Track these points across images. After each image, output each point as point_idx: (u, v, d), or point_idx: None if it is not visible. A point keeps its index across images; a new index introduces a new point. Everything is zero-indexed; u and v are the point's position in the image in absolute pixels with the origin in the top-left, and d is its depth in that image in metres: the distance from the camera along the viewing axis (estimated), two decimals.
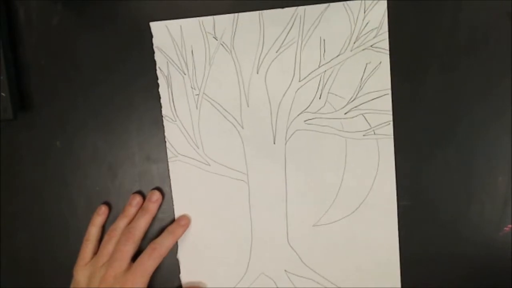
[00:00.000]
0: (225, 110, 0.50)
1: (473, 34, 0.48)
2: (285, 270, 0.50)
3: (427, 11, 0.48)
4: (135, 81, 0.50)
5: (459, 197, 0.50)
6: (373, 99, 0.48)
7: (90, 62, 0.50)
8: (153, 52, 0.49)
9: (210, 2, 0.48)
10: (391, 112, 0.48)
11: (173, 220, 0.51)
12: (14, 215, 0.52)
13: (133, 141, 0.51)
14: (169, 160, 0.51)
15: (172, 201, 0.51)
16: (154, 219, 0.51)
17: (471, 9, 0.48)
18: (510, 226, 0.49)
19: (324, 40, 0.48)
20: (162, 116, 0.50)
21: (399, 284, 0.50)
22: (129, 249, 0.47)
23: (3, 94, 0.48)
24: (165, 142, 0.50)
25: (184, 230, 0.50)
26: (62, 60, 0.50)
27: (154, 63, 0.50)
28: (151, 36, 0.49)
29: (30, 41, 0.50)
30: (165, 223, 0.51)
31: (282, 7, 0.48)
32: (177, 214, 0.51)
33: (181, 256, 0.51)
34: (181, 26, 0.49)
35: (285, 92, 0.49)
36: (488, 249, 0.50)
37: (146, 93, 0.50)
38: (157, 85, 0.50)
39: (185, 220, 0.50)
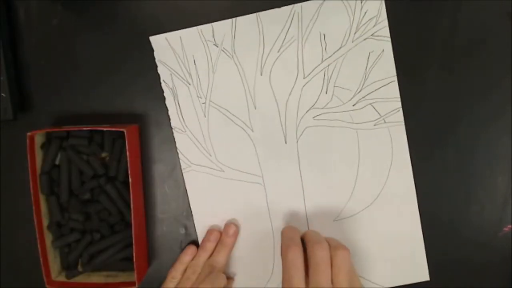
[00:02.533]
0: (233, 115, 0.50)
1: (473, 34, 0.48)
2: None
3: (427, 11, 0.48)
4: (135, 81, 0.50)
5: (459, 197, 0.50)
6: (379, 88, 0.48)
7: (90, 62, 0.50)
8: (153, 51, 0.49)
9: (209, 1, 0.48)
10: (399, 99, 0.48)
11: (173, 221, 0.51)
12: (15, 215, 0.52)
13: None
14: (183, 170, 0.51)
15: (172, 202, 0.51)
16: (155, 219, 0.52)
17: (471, 9, 0.48)
18: (510, 226, 0.50)
19: (324, 34, 0.48)
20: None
21: (427, 276, 0.50)
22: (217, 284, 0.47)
23: (3, 94, 0.48)
24: (178, 152, 0.50)
25: (235, 240, 0.50)
26: (62, 60, 0.50)
27: (155, 66, 0.50)
28: (151, 36, 0.49)
29: (30, 41, 0.50)
30: (165, 224, 0.52)
31: (279, 7, 0.48)
32: (196, 224, 0.51)
33: None
34: (180, 37, 0.49)
35: (291, 91, 0.49)
36: (488, 249, 0.50)
37: (146, 93, 0.50)
38: (163, 98, 0.50)
39: (233, 229, 0.50)
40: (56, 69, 0.50)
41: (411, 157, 0.49)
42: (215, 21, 0.49)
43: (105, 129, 0.48)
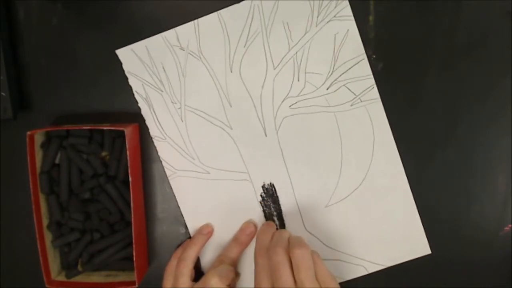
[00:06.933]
0: (210, 116, 0.50)
1: (473, 34, 0.48)
2: None
3: (427, 11, 0.48)
4: None
5: (459, 197, 0.50)
6: (350, 68, 0.48)
7: (89, 62, 0.50)
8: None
9: (209, 1, 0.48)
10: (371, 76, 0.48)
11: (173, 220, 0.51)
12: (15, 215, 0.52)
13: None
14: (169, 178, 0.51)
15: (172, 201, 0.51)
16: (155, 219, 0.52)
17: (471, 9, 0.48)
18: (510, 226, 0.49)
19: (287, 23, 0.48)
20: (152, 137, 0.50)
21: (428, 249, 0.50)
22: None
23: (3, 94, 0.48)
24: (161, 161, 0.51)
25: (208, 238, 0.50)
26: (62, 60, 0.50)
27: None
28: (117, 49, 0.49)
29: (30, 41, 0.50)
30: (165, 223, 0.52)
31: (239, 2, 0.48)
32: (190, 229, 0.51)
33: (205, 267, 0.51)
34: (146, 46, 0.49)
35: (263, 83, 0.49)
36: (488, 249, 0.50)
37: None
38: (139, 109, 0.50)
39: (208, 229, 0.50)
40: (56, 68, 0.50)
41: (411, 157, 0.49)
42: None
43: (105, 128, 0.48)
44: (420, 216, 0.49)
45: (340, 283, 0.50)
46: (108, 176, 0.49)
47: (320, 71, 0.49)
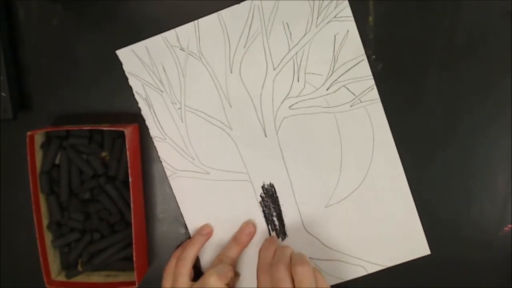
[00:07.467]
0: (210, 117, 0.50)
1: (473, 34, 0.48)
2: (310, 258, 0.50)
3: (427, 11, 0.48)
4: None
5: (459, 197, 0.50)
6: (350, 68, 0.48)
7: (90, 62, 0.50)
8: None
9: (209, 1, 0.48)
10: (371, 77, 0.48)
11: (173, 220, 0.51)
12: (15, 215, 0.52)
13: None
14: (169, 178, 0.51)
15: (172, 202, 0.51)
16: (155, 219, 0.52)
17: (471, 9, 0.48)
18: (510, 226, 0.50)
19: (287, 23, 0.48)
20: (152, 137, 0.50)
21: (428, 250, 0.50)
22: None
23: (3, 94, 0.48)
24: (161, 161, 0.51)
25: (207, 239, 0.50)
26: (62, 60, 0.50)
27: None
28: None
29: (30, 41, 0.50)
30: (165, 224, 0.52)
31: (239, 2, 0.48)
32: (190, 229, 0.51)
33: (205, 267, 0.52)
34: (146, 47, 0.49)
35: (263, 84, 0.49)
36: (488, 249, 0.50)
37: None
38: (139, 109, 0.50)
39: (207, 229, 0.51)
40: (56, 69, 0.50)
41: (411, 157, 0.49)
42: None
43: (105, 128, 0.48)
44: (420, 216, 0.49)
45: (340, 284, 0.50)
46: (108, 176, 0.49)
47: (320, 71, 0.49)
